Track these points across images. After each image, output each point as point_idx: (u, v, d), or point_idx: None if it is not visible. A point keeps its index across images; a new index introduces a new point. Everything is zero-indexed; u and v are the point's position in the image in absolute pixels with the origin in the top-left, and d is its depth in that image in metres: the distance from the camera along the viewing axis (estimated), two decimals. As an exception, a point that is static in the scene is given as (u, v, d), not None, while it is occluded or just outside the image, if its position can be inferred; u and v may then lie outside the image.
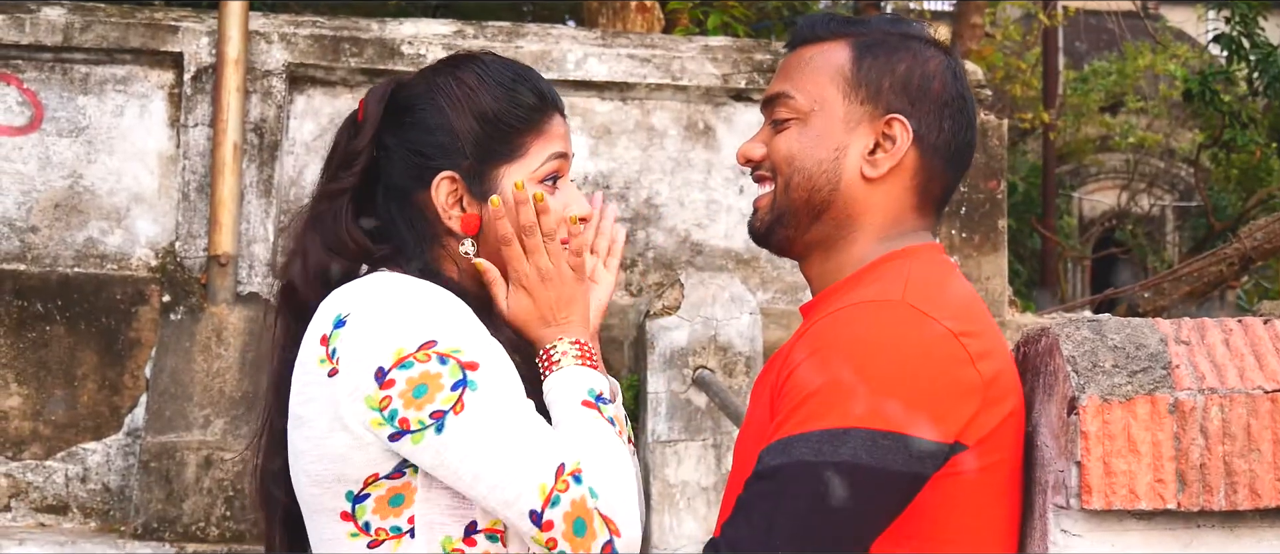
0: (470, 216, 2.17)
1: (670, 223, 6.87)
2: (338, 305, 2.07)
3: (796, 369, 1.96)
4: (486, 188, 2.17)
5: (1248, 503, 1.92)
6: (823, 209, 2.14)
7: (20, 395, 6.44)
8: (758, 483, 1.91)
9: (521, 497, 1.97)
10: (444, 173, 2.16)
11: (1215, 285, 7.06)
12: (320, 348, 2.05)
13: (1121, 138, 15.31)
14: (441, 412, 1.98)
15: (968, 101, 2.21)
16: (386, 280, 2.10)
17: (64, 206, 6.61)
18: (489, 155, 2.18)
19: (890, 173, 2.14)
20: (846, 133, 2.13)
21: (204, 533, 6.10)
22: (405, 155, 2.19)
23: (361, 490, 2.04)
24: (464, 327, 2.04)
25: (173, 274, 6.58)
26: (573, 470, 1.98)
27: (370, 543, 2.05)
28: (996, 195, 7.16)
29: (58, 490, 6.42)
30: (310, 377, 2.06)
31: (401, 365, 1.99)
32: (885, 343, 1.93)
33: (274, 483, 2.20)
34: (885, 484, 1.90)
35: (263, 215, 6.66)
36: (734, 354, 6.18)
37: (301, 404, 2.08)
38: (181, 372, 6.37)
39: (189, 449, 6.19)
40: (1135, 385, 1.93)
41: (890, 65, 2.15)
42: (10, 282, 6.50)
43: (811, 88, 2.16)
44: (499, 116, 2.18)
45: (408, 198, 2.19)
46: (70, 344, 6.51)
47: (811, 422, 1.90)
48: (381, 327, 2.01)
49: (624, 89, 6.84)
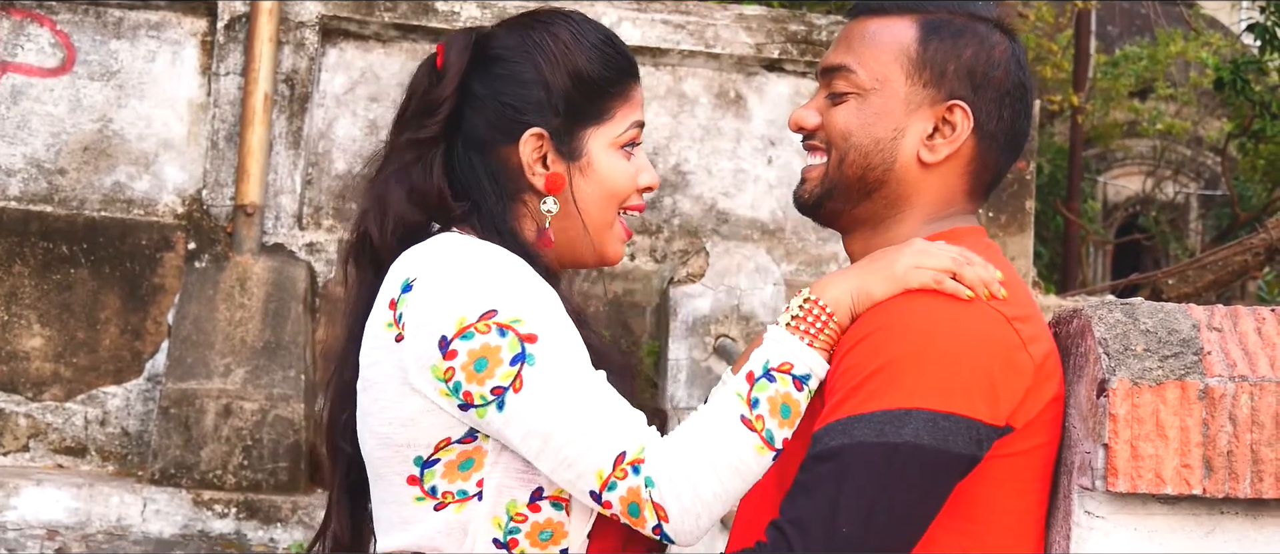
0: (555, 175, 2.15)
1: (697, 190, 6.87)
2: (407, 269, 2.06)
3: (853, 349, 1.96)
4: (573, 147, 2.15)
5: (1273, 491, 1.92)
6: (875, 188, 2.13)
7: (42, 337, 6.47)
8: (820, 464, 1.91)
9: (582, 478, 1.98)
10: (533, 128, 2.14)
11: (1239, 275, 7.04)
12: (389, 312, 2.05)
13: (1150, 124, 15.22)
14: (501, 388, 1.97)
15: (1027, 90, 2.18)
16: (455, 243, 2.08)
17: (93, 150, 6.62)
18: (578, 115, 2.16)
19: (947, 159, 2.12)
20: (906, 115, 2.11)
21: (220, 481, 6.13)
22: (494, 107, 2.16)
23: (432, 456, 2.04)
24: (528, 294, 2.02)
25: (199, 222, 6.60)
26: (634, 460, 1.96)
27: (436, 506, 2.05)
28: (1025, 176, 7.15)
29: (77, 433, 6.46)
30: (379, 340, 2.06)
31: (463, 335, 1.98)
32: (942, 325, 1.93)
33: (341, 435, 2.21)
34: (946, 465, 1.90)
35: (290, 167, 6.67)
36: (757, 324, 6.19)
37: (370, 366, 2.08)
38: (204, 319, 6.39)
39: (208, 397, 6.21)
40: (1166, 370, 1.93)
41: (956, 50, 2.12)
42: (37, 223, 6.52)
43: (874, 64, 2.13)
44: (592, 77, 2.16)
45: (491, 151, 2.16)
46: (94, 288, 6.53)
47: (872, 402, 1.90)
48: (446, 294, 2.00)
49: (656, 54, 6.83)
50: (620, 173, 2.19)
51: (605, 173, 2.18)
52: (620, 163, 2.19)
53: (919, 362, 1.91)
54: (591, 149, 2.17)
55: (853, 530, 1.87)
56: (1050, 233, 13.68)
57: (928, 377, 1.90)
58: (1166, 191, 16.18)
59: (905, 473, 1.88)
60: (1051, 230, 13.67)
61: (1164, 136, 15.54)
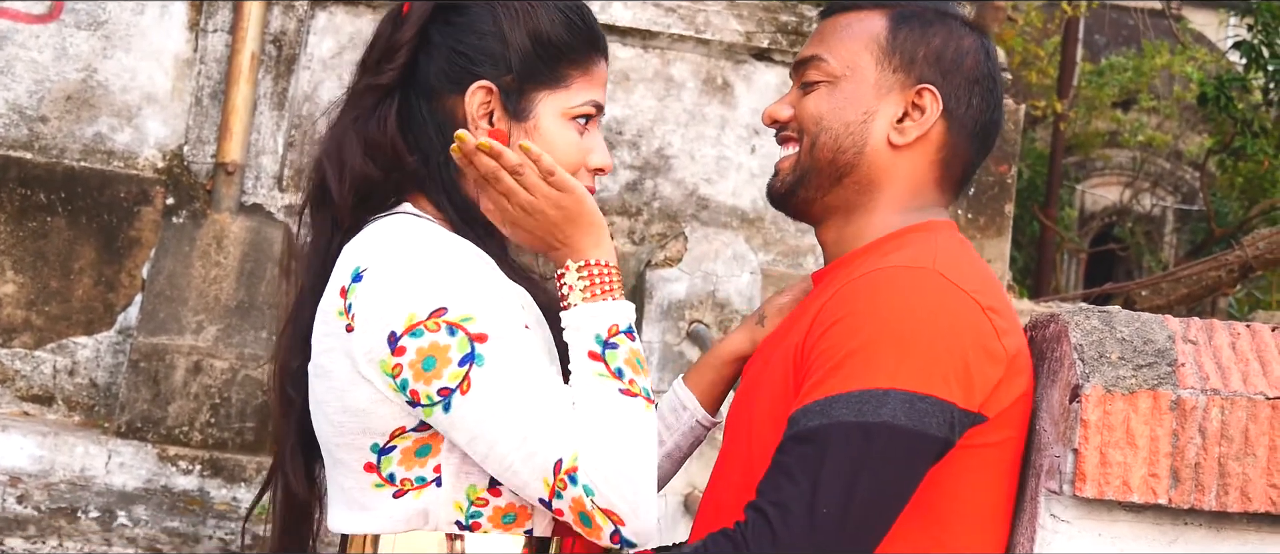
0: (498, 132, 2.10)
1: (679, 175, 6.88)
2: (357, 256, 2.02)
3: (830, 330, 1.97)
4: (521, 107, 2.11)
5: (1237, 505, 1.94)
6: (846, 172, 2.16)
7: (15, 284, 6.45)
8: (799, 445, 1.92)
9: (528, 486, 1.96)
10: (482, 81, 2.10)
11: (1212, 290, 7.08)
12: (339, 299, 2.01)
13: (1131, 135, 15.30)
14: (448, 389, 1.94)
15: (997, 83, 2.22)
16: (406, 231, 2.05)
17: (76, 100, 6.60)
18: (532, 76, 2.11)
19: (916, 142, 2.15)
20: (876, 98, 2.15)
21: (186, 437, 6.12)
22: (448, 54, 2.12)
23: (387, 443, 2.02)
24: (479, 291, 1.98)
25: (179, 177, 6.58)
26: (569, 469, 1.93)
27: (395, 493, 2.03)
28: (1006, 180, 7.17)
29: (45, 381, 6.44)
30: (330, 326, 2.03)
31: (412, 333, 1.94)
32: (920, 308, 1.95)
33: (292, 383, 2.16)
34: (922, 447, 1.92)
35: (274, 128, 6.65)
36: (731, 311, 6.20)
37: (323, 353, 2.04)
38: (179, 275, 6.37)
39: (179, 353, 6.20)
40: (1139, 379, 1.95)
41: (925, 37, 2.17)
42: (15, 170, 6.50)
43: (845, 52, 2.17)
44: (553, 40, 2.12)
45: (438, 99, 2.12)
46: (70, 237, 6.51)
47: (851, 382, 1.91)
48: (396, 288, 1.96)
49: (646, 37, 6.83)
50: (569, 144, 2.13)
51: (552, 140, 2.11)
52: (569, 134, 2.14)
53: (896, 343, 1.92)
54: (540, 113, 2.12)
55: (832, 511, 1.88)
56: (1026, 238, 13.73)
57: (905, 358, 1.92)
58: (1143, 203, 16.26)
59: (883, 454, 1.89)
60: (1027, 236, 13.73)
61: (1144, 148, 15.63)
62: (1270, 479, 1.93)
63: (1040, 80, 11.92)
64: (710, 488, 2.23)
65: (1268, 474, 1.93)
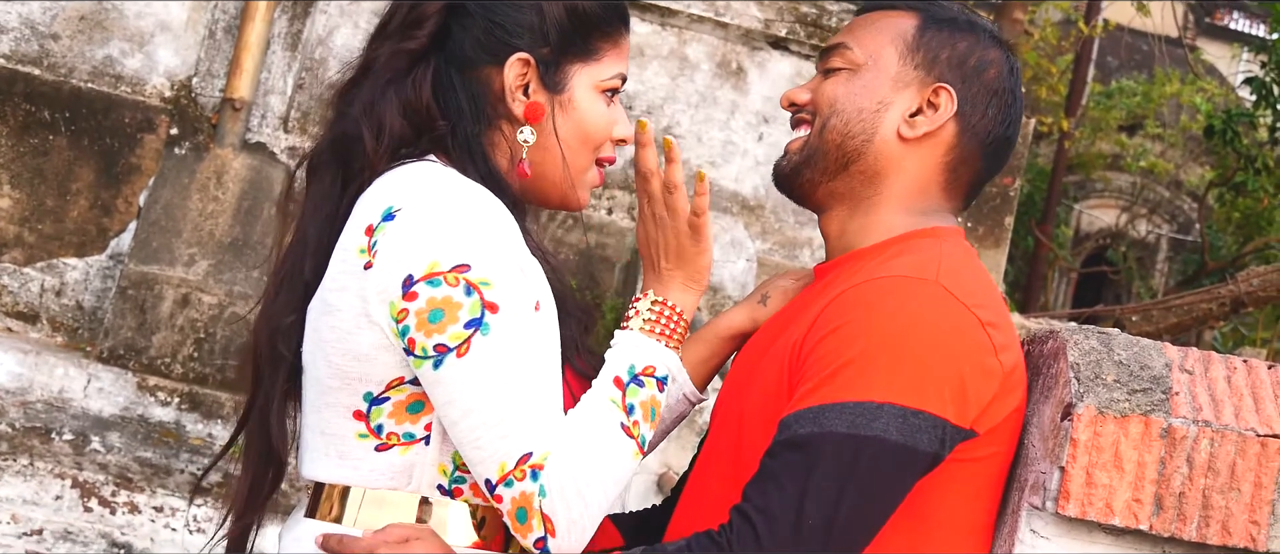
0: (535, 104, 2.12)
1: (685, 155, 6.86)
2: (390, 196, 2.00)
3: (828, 336, 1.97)
4: (557, 79, 2.12)
5: (1218, 539, 1.95)
6: (852, 159, 2.16)
7: (11, 199, 6.43)
8: (789, 452, 1.92)
9: (483, 463, 1.94)
10: (521, 53, 2.11)
11: (1201, 321, 7.09)
12: (364, 238, 1.98)
13: (1133, 160, 15.32)
14: (445, 347, 1.92)
15: (1017, 100, 2.23)
16: (444, 179, 2.03)
17: (89, 20, 6.57)
18: (568, 48, 2.13)
19: (926, 138, 2.16)
20: (893, 90, 2.16)
21: (168, 369, 6.11)
22: (484, 25, 2.11)
23: (382, 393, 2.00)
24: (504, 257, 1.97)
25: (185, 109, 6.56)
26: (535, 464, 1.92)
27: (378, 446, 2.02)
28: (1009, 192, 7.17)
29: (31, 299, 6.42)
30: (347, 264, 2.00)
31: (429, 281, 1.92)
32: (920, 322, 1.95)
33: (283, 339, 2.13)
34: (911, 462, 1.92)
35: (284, 68, 6.63)
36: (724, 297, 6.20)
37: (334, 291, 2.02)
38: (175, 207, 6.36)
39: (169, 284, 6.19)
40: (1133, 404, 1.96)
41: (952, 41, 2.18)
42: (22, 84, 6.47)
43: (870, 43, 2.19)
44: (586, 13, 2.14)
45: (473, 70, 2.12)
46: (70, 158, 6.49)
47: (845, 392, 1.91)
48: (426, 231, 1.95)
49: (665, 14, 6.81)
50: (600, 116, 2.17)
51: (584, 112, 2.15)
52: (601, 106, 2.17)
53: (893, 355, 1.92)
54: (574, 86, 2.14)
55: (817, 522, 1.88)
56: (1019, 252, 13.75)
57: (901, 371, 1.92)
58: (1139, 229, 16.29)
59: (873, 468, 1.90)
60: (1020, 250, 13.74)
61: (1145, 174, 15.65)
62: (1252, 515, 1.94)
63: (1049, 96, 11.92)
64: (695, 475, 2.23)
65: (1250, 510, 1.95)
